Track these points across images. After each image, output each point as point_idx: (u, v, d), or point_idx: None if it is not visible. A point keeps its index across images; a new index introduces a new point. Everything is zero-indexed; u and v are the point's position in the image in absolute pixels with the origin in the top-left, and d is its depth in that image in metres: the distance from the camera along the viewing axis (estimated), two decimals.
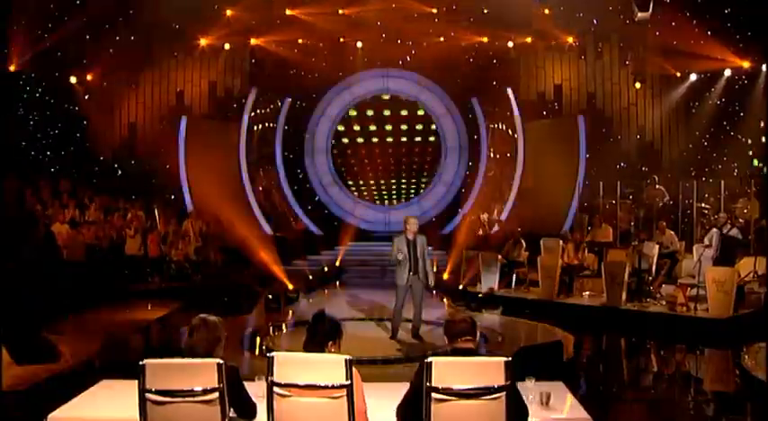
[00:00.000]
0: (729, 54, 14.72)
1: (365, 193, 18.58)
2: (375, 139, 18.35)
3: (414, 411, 3.73)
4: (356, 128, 18.36)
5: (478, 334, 3.99)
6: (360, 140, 18.38)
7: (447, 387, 3.64)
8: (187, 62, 16.99)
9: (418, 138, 18.43)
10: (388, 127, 18.28)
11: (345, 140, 18.41)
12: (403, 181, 18.58)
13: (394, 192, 18.59)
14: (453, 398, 3.65)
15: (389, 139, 18.32)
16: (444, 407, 3.65)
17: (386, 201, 18.50)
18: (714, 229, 11.64)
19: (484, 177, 17.69)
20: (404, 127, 18.31)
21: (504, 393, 3.66)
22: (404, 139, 18.35)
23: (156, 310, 11.37)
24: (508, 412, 3.69)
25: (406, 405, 3.82)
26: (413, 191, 18.61)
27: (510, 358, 3.70)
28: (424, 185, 18.53)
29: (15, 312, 7.90)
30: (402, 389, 3.90)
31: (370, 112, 18.36)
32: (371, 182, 18.56)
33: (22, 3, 13.32)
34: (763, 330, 8.92)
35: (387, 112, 18.32)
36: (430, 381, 3.64)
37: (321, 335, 3.91)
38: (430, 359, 3.67)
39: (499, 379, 3.66)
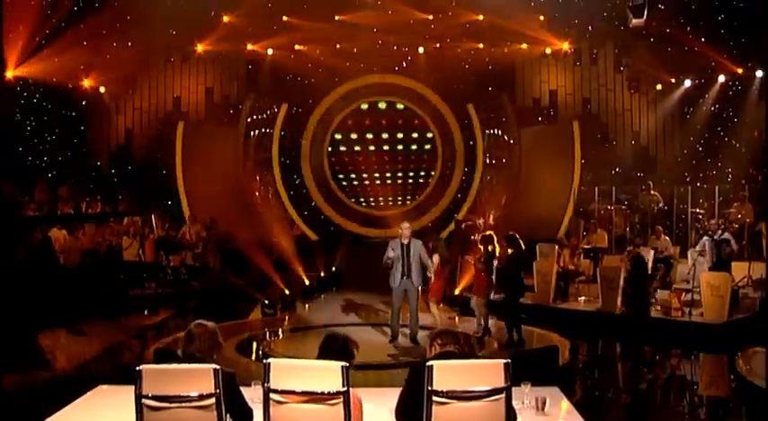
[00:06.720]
0: (723, 60, 14.80)
1: (361, 199, 18.56)
2: (371, 145, 18.35)
3: (411, 412, 3.74)
4: (352, 133, 18.35)
5: (461, 339, 4.02)
6: (356, 146, 18.37)
7: (450, 390, 3.65)
8: (184, 68, 17.01)
9: (414, 144, 18.44)
10: (384, 133, 18.27)
11: (342, 146, 18.40)
12: (399, 187, 18.57)
13: (390, 198, 18.57)
14: (454, 400, 3.65)
15: (386, 145, 18.31)
16: (445, 410, 3.66)
17: (382, 207, 18.47)
18: (705, 237, 11.70)
19: (480, 183, 17.70)
20: (400, 133, 18.31)
21: (504, 395, 3.68)
22: (400, 145, 18.35)
23: (152, 316, 11.35)
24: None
25: (403, 406, 3.83)
26: (408, 197, 18.61)
27: (509, 360, 3.73)
28: (419, 191, 18.52)
29: (9, 319, 7.89)
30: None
31: (366, 118, 18.36)
32: (368, 187, 18.55)
33: (20, 8, 13.32)
34: (758, 335, 8.95)
35: (383, 118, 18.32)
36: (431, 385, 3.65)
37: (332, 355, 3.88)
38: (430, 362, 3.68)
39: (498, 381, 3.69)
